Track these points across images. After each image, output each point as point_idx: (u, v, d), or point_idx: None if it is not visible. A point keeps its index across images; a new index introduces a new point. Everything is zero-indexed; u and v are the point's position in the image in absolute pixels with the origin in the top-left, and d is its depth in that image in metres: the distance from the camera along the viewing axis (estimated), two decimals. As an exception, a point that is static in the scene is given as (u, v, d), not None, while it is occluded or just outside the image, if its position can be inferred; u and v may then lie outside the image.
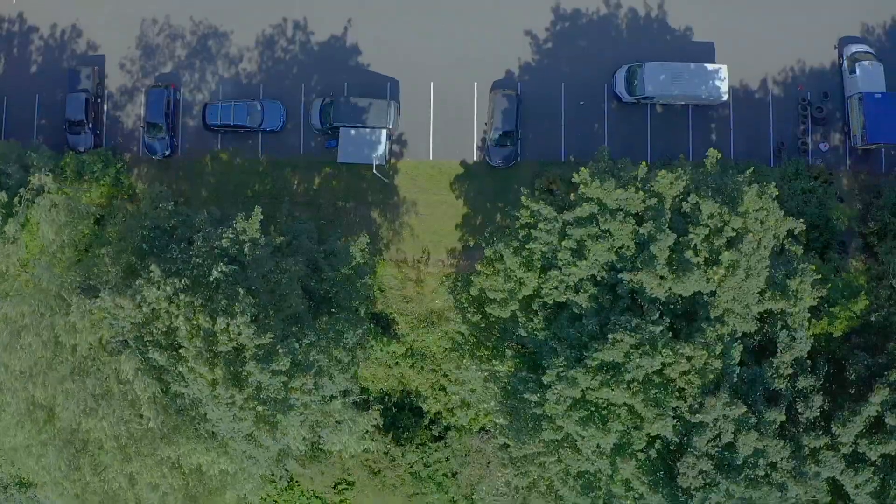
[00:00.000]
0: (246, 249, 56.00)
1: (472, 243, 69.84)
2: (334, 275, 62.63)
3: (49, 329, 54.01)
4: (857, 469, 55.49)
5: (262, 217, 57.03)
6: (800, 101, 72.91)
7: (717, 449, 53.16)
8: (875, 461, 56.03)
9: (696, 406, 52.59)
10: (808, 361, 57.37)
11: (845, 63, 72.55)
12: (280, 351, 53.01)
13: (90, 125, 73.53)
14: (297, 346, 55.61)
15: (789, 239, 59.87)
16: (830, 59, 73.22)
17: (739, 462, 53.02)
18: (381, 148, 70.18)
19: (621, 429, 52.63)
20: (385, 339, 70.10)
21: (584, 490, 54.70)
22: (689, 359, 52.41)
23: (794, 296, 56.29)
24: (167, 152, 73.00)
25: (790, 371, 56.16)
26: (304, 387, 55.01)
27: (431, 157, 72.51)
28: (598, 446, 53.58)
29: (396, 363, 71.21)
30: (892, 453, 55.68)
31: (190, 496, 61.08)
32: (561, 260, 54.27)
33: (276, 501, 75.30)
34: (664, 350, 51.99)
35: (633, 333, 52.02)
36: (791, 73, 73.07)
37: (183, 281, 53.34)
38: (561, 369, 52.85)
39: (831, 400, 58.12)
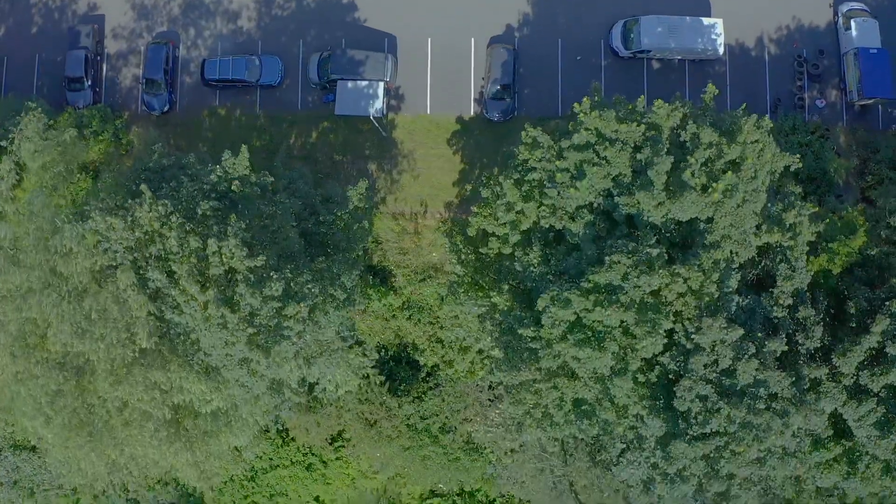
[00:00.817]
0: (234, 187, 55.77)
1: (469, 190, 69.64)
2: (332, 218, 62.30)
3: (44, 252, 53.56)
4: (859, 401, 54.72)
5: (248, 156, 56.87)
6: (795, 58, 73.22)
7: (715, 374, 52.44)
8: (878, 393, 55.28)
9: (693, 330, 51.96)
10: (808, 295, 56.86)
11: (840, 20, 73.04)
12: (273, 276, 52.56)
13: (89, 82, 73.67)
14: (290, 276, 55.14)
15: (787, 178, 59.73)
16: (826, 16, 73.69)
17: (739, 388, 52.28)
18: (379, 101, 70.25)
19: (616, 350, 51.96)
20: (382, 289, 69.61)
21: (580, 417, 53.92)
22: (685, 279, 51.91)
23: (792, 229, 55.99)
24: (165, 108, 73.12)
25: (789, 302, 55.61)
26: (297, 315, 54.43)
27: (429, 112, 72.62)
28: (594, 371, 52.91)
29: (393, 316, 70.67)
30: (895, 384, 54.95)
31: (181, 437, 60.21)
32: (559, 180, 53.97)
33: (271, 459, 74.30)
34: (661, 271, 51.55)
35: (630, 255, 51.62)
36: (786, 30, 73.44)
37: (175, 213, 53.09)
38: (554, 293, 52.31)
39: (831, 334, 57.54)
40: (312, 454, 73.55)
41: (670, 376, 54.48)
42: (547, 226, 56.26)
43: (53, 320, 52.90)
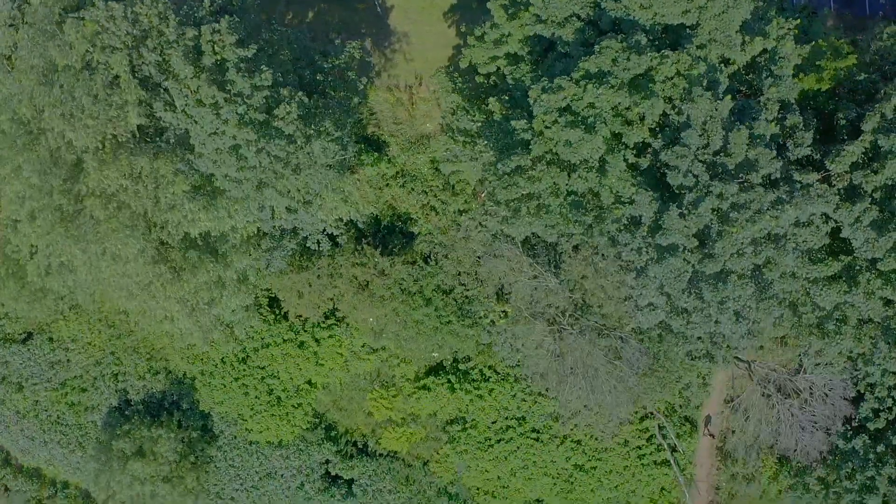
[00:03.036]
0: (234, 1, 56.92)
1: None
2: (328, 67, 63.12)
3: (40, 56, 54.25)
4: (853, 202, 54.33)
5: None
6: (782, -57, 74.76)
7: (707, 156, 52.22)
8: (872, 194, 54.90)
9: (685, 100, 51.97)
10: (797, 108, 57.04)
11: None
12: (263, 68, 53.17)
13: None
14: (285, 94, 55.70)
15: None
16: None
17: (732, 168, 51.99)
18: (375, -23, 71.90)
19: (608, 135, 51.93)
20: (375, 155, 69.85)
21: (574, 206, 53.47)
22: (674, 62, 52.24)
23: (777, 40, 56.51)
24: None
25: (777, 108, 55.71)
26: (288, 115, 54.70)
27: (424, -11, 73.93)
28: (587, 161, 52.77)
29: (387, 184, 70.74)
30: (889, 183, 54.55)
31: (167, 261, 59.71)
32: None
33: (263, 338, 73.21)
34: (650, 53, 51.98)
35: (620, 42, 52.17)
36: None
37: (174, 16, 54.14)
38: (545, 83, 52.68)
39: (821, 151, 57.42)
40: (304, 331, 72.45)
41: (661, 168, 54.20)
42: (535, 35, 56.83)
43: (46, 107, 53.14)
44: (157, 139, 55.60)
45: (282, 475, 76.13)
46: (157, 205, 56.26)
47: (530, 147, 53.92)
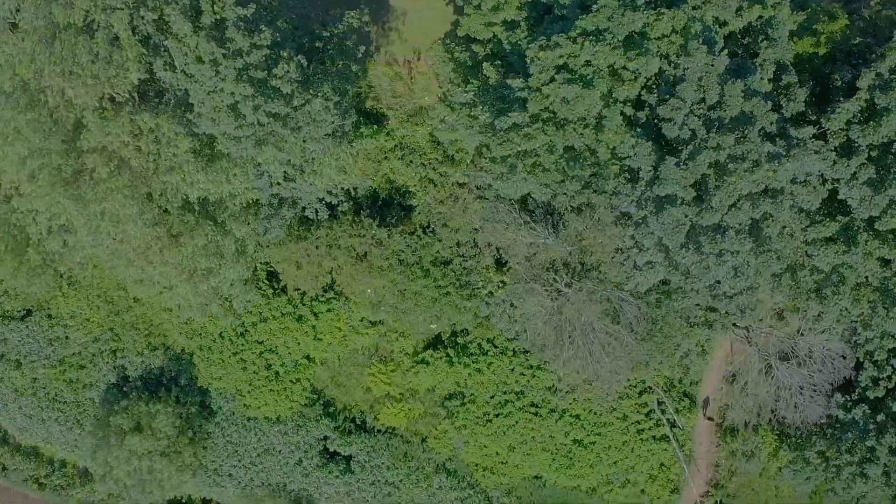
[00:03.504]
0: None
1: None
2: (328, 35, 63.49)
3: (44, 17, 54.59)
4: (850, 157, 54.49)
5: None
6: None
7: (703, 111, 52.44)
8: (868, 150, 55.06)
9: (681, 54, 52.28)
10: (792, 69, 57.33)
11: None
12: (263, 28, 53.56)
13: None
14: (283, 56, 56.04)
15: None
16: None
17: (727, 121, 52.19)
18: (374, -47, 72.32)
19: (605, 91, 52.19)
20: (374, 127, 70.07)
21: (570, 161, 53.66)
22: (671, 18, 52.58)
23: (773, 6, 56.92)
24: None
25: (774, 69, 56.03)
26: (286, 75, 55.04)
27: (424, -36, 74.39)
28: (583, 118, 53.00)
29: (385, 157, 70.91)
30: (885, 141, 54.74)
31: (165, 224, 59.84)
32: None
33: (261, 312, 73.22)
34: (646, 10, 52.34)
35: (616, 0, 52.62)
36: None
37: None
38: (543, 41, 53.01)
39: (817, 112, 57.65)
40: (303, 305, 72.47)
41: (658, 124, 54.40)
42: (532, 0, 57.32)
43: (46, 66, 53.42)
44: (157, 101, 55.83)
45: (279, 451, 75.92)
46: (156, 168, 56.42)
47: (527, 106, 54.16)
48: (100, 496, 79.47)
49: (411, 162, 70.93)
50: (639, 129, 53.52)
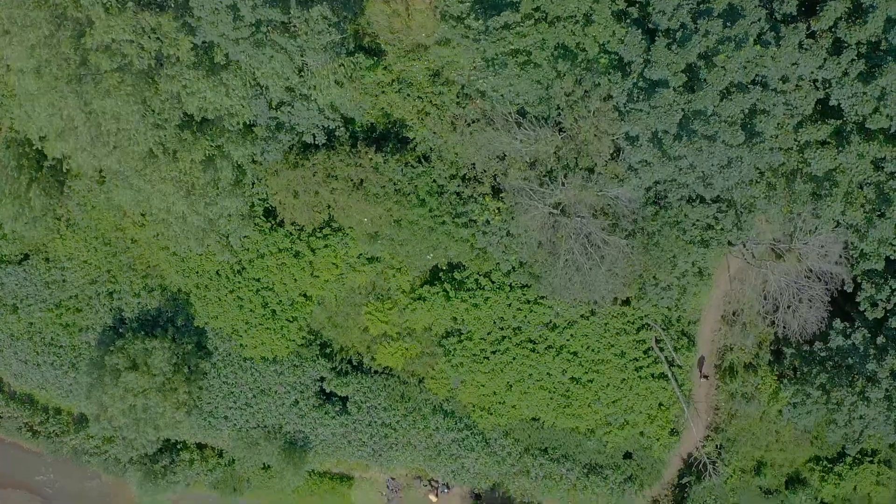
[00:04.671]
0: None
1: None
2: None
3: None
4: (840, 54, 54.95)
5: None
6: None
7: (691, 4, 53.00)
8: (857, 47, 55.49)
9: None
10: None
11: None
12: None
13: None
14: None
15: None
16: None
17: (716, 14, 52.72)
18: None
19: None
20: (373, 60, 70.66)
21: (560, 59, 54.13)
22: None
23: None
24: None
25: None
26: (285, -22, 55.92)
27: None
28: (573, 17, 53.59)
29: (383, 91, 71.38)
30: (872, 39, 55.22)
31: (164, 129, 60.17)
32: None
33: (258, 249, 73.22)
34: None
35: None
36: None
37: None
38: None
39: (807, 21, 58.21)
40: (300, 240, 72.50)
41: (647, 19, 54.85)
42: None
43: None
44: (158, 6, 56.55)
45: (275, 392, 75.40)
46: (158, 74, 56.86)
47: (518, 7, 54.81)
48: (94, 443, 78.79)
49: (408, 95, 71.41)
50: (628, 22, 54.05)
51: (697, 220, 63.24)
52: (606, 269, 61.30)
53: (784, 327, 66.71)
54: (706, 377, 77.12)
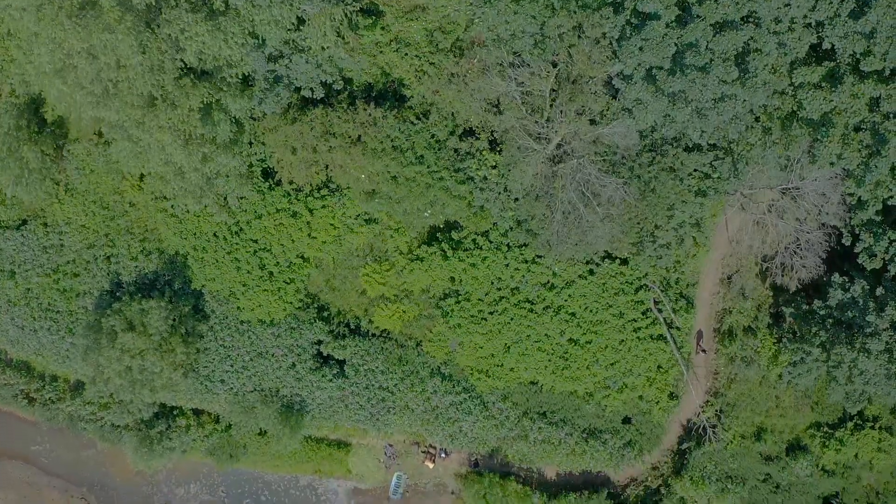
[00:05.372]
0: None
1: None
2: None
3: None
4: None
5: None
6: None
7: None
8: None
9: None
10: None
11: None
12: None
13: None
14: None
15: None
16: None
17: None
18: None
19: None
20: (372, 19, 71.08)
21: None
22: None
23: None
24: None
25: None
26: None
27: None
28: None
29: (381, 52, 71.71)
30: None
31: (161, 70, 60.49)
32: None
33: (255, 210, 73.25)
34: None
35: None
36: None
37: None
38: None
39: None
40: (298, 200, 72.54)
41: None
42: None
43: None
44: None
45: (273, 354, 75.11)
46: (155, 23, 57.16)
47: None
48: (90, 409, 78.38)
49: (406, 55, 71.73)
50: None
51: (695, 170, 63.29)
52: (603, 214, 61.11)
53: (783, 274, 66.46)
54: (704, 351, 76.78)
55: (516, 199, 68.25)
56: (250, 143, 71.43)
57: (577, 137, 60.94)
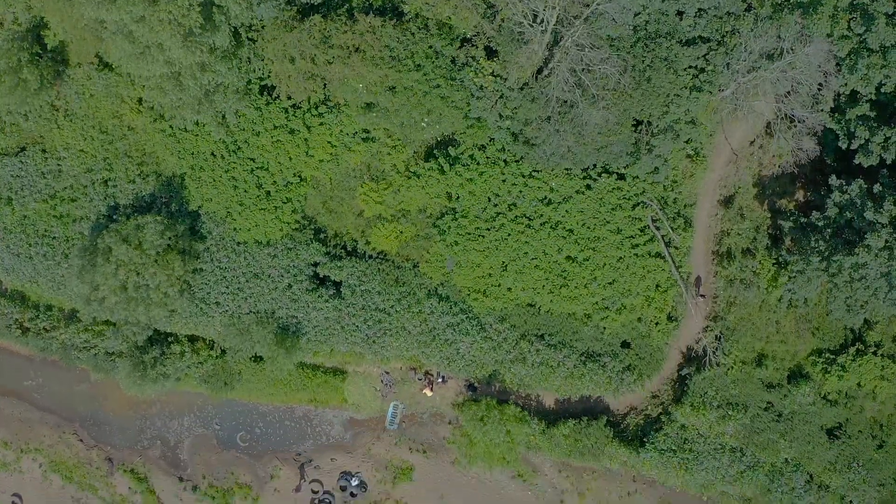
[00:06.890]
0: None
1: None
2: None
3: None
4: None
5: None
6: None
7: None
8: None
9: None
10: None
11: None
12: None
13: None
14: None
15: None
16: None
17: None
18: None
19: None
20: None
21: None
22: None
23: None
24: None
25: None
26: None
27: None
28: None
29: (378, -37, 72.49)
30: None
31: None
32: None
33: (253, 128, 73.50)
34: None
35: None
36: None
37: None
38: None
39: None
40: (295, 117, 72.81)
41: None
42: None
43: None
44: None
45: (269, 275, 74.60)
46: None
47: None
48: (84, 337, 77.61)
49: (401, -36, 72.37)
50: None
51: (689, 66, 63.65)
52: (598, 95, 61.27)
53: (780, 145, 66.20)
54: (703, 296, 76.33)
55: (514, 109, 68.41)
56: (249, 60, 71.97)
57: (571, 22, 61.34)
